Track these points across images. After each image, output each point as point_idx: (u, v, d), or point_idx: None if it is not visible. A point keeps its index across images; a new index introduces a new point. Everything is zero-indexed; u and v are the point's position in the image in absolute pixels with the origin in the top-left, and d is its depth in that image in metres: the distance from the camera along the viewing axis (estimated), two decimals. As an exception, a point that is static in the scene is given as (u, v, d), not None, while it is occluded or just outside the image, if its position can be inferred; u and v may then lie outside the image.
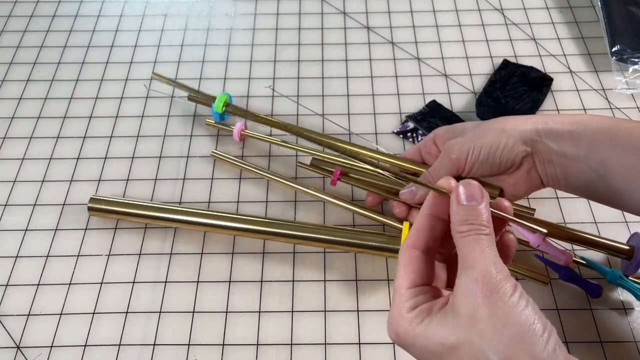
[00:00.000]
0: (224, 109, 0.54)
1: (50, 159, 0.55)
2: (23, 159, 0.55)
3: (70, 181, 0.54)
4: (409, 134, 0.56)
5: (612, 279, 0.45)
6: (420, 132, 0.56)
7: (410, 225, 0.44)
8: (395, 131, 0.56)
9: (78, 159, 0.55)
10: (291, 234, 0.47)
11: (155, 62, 0.63)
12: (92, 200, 0.50)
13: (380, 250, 0.46)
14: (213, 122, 0.56)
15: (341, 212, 0.50)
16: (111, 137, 0.57)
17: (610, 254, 0.46)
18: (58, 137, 0.57)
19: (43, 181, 0.54)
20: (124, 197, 0.52)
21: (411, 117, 0.57)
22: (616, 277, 0.44)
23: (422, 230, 0.28)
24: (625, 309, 0.45)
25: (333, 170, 0.49)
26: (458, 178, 0.33)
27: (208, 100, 0.55)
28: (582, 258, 0.46)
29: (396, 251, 0.44)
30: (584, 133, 0.38)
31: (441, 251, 0.30)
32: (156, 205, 0.49)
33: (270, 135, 0.56)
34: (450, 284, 0.30)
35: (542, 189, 0.43)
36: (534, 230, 0.39)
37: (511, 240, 0.30)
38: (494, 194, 0.42)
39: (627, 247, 0.45)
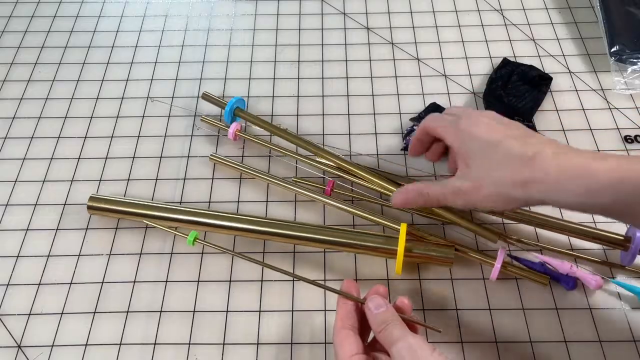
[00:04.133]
0: (233, 114, 0.55)
1: (51, 159, 0.55)
2: (24, 159, 0.56)
3: (71, 181, 0.54)
4: None
5: None
6: None
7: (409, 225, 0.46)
8: (401, 149, 0.55)
9: (79, 159, 0.55)
10: (290, 234, 0.47)
11: (155, 62, 0.63)
12: (91, 199, 0.50)
13: (379, 251, 0.46)
14: (208, 119, 0.56)
15: (341, 212, 0.50)
16: (112, 137, 0.57)
17: (608, 245, 0.47)
18: (59, 137, 0.57)
19: (44, 181, 0.54)
20: (124, 197, 0.52)
21: (410, 130, 0.56)
22: None
23: (345, 316, 0.36)
24: (624, 309, 0.45)
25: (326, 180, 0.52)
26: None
27: (220, 103, 0.56)
28: (615, 282, 0.46)
29: (394, 252, 0.44)
30: (591, 206, 0.35)
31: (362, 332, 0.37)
32: (156, 205, 0.49)
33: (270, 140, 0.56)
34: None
35: None
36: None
37: (406, 305, 0.37)
38: (493, 239, 0.46)
39: (622, 238, 0.45)
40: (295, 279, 0.47)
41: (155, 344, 0.44)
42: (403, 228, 0.45)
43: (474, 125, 0.39)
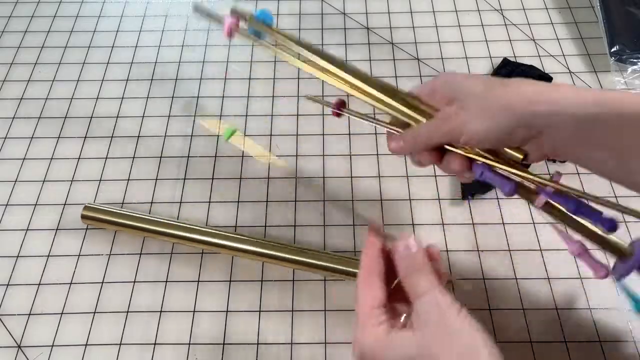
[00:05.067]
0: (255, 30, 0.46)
1: (51, 159, 0.55)
2: (24, 159, 0.56)
3: (71, 181, 0.54)
4: None
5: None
6: None
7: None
8: None
9: (79, 159, 0.55)
10: (289, 258, 0.47)
11: (155, 62, 0.63)
12: (86, 208, 0.50)
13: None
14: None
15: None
16: (112, 137, 0.57)
17: (606, 248, 0.44)
18: (59, 137, 0.57)
19: (44, 181, 0.54)
20: (124, 197, 0.52)
21: None
22: None
23: (370, 262, 0.33)
24: (624, 309, 0.45)
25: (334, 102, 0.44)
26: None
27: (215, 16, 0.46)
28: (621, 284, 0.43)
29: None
30: (609, 120, 0.33)
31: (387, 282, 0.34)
32: (152, 219, 0.49)
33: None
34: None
35: None
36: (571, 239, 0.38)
37: (434, 253, 0.34)
38: (517, 158, 0.38)
39: (625, 246, 0.44)
40: (294, 280, 0.47)
41: (155, 344, 0.44)
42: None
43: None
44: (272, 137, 0.56)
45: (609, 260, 0.40)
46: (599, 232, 0.41)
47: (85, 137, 0.57)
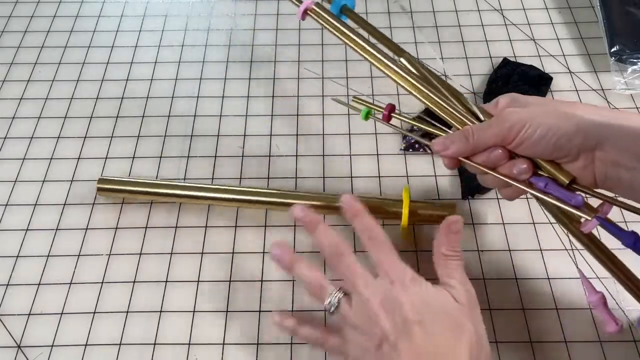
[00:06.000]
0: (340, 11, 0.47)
1: (51, 159, 0.55)
2: (24, 159, 0.56)
3: (71, 181, 0.54)
4: (417, 145, 0.55)
5: None
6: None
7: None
8: (400, 148, 0.55)
9: (79, 159, 0.55)
10: (291, 202, 0.49)
11: (155, 62, 0.63)
12: (100, 181, 0.51)
13: (381, 212, 0.49)
14: None
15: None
16: (112, 137, 0.57)
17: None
18: (59, 137, 0.57)
19: (44, 181, 0.54)
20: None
21: (410, 130, 0.54)
22: None
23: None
24: (625, 308, 0.45)
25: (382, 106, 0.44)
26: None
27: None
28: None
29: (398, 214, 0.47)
30: None
31: None
32: (161, 183, 0.51)
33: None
34: None
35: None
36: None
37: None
38: (562, 181, 0.36)
39: None
40: (294, 280, 0.47)
41: (155, 344, 0.44)
42: (405, 191, 0.47)
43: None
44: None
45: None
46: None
47: (85, 137, 0.57)
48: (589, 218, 0.34)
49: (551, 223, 0.47)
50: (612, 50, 0.60)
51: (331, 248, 0.39)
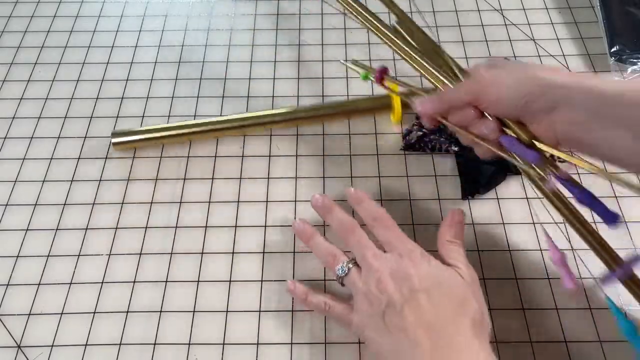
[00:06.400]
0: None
1: (51, 159, 0.55)
2: (24, 159, 0.56)
3: (71, 181, 0.54)
4: (417, 145, 0.54)
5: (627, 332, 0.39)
6: (432, 137, 0.54)
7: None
8: (400, 148, 0.55)
9: (79, 159, 0.55)
10: (294, 117, 0.55)
11: (155, 62, 0.63)
12: (114, 134, 0.55)
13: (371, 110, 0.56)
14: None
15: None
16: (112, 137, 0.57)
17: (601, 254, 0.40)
18: (59, 137, 0.57)
19: (44, 181, 0.54)
20: (124, 198, 0.53)
21: (410, 130, 0.55)
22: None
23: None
24: (625, 308, 0.45)
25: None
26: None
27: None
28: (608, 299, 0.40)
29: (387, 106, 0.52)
30: (634, 97, 0.33)
31: None
32: (172, 125, 0.55)
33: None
34: None
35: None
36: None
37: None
38: (525, 139, 0.38)
39: (620, 259, 0.38)
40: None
41: (155, 344, 0.44)
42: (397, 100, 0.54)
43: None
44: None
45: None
46: (598, 232, 0.39)
47: (86, 137, 0.57)
48: (544, 175, 0.38)
49: (551, 223, 0.47)
50: (612, 50, 0.60)
51: (343, 224, 0.43)
